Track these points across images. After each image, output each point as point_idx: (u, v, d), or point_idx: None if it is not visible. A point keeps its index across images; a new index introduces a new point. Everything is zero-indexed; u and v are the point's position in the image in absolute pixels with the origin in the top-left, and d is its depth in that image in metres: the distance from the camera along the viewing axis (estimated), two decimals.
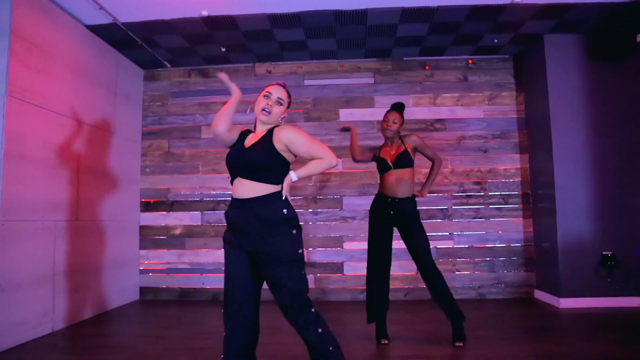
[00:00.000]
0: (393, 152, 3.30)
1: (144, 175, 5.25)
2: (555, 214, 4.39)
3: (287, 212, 1.97)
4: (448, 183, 5.03)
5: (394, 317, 3.60)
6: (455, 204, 5.01)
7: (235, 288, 1.99)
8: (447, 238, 4.97)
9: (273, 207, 1.95)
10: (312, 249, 5.04)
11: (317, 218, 5.07)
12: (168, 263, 5.13)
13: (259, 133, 2.10)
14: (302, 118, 5.18)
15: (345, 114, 5.16)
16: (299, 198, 5.06)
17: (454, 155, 5.05)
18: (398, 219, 3.23)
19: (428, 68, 5.18)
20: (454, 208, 5.01)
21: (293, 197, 4.93)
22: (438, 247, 4.91)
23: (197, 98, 5.31)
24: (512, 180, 5.02)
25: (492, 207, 5.00)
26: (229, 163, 2.06)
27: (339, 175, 5.10)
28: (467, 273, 4.93)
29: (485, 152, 5.06)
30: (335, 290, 4.97)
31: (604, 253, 4.30)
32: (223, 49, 4.82)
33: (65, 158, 3.84)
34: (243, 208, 1.97)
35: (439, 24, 4.31)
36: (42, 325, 3.46)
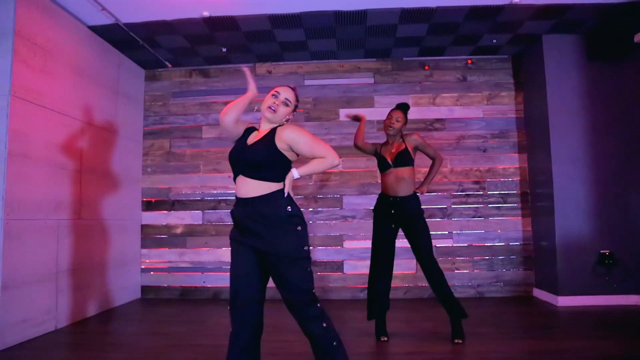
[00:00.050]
0: (393, 150, 3.33)
1: (146, 175, 5.28)
2: (554, 213, 4.42)
3: (291, 209, 1.99)
4: (447, 182, 5.06)
5: (394, 314, 3.62)
6: (455, 203, 5.05)
7: (241, 286, 2.00)
8: (446, 237, 5.00)
9: (276, 205, 1.98)
10: (312, 248, 5.06)
11: (317, 217, 5.11)
12: (169, 262, 5.17)
13: (263, 131, 2.12)
14: (302, 118, 5.20)
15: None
16: (300, 197, 5.09)
17: (453, 155, 5.08)
18: (401, 218, 3.25)
19: (427, 68, 5.21)
20: (453, 207, 5.05)
21: (293, 196, 4.95)
22: (437, 245, 4.93)
23: (197, 98, 5.35)
24: (511, 180, 5.06)
25: (491, 206, 5.03)
26: (232, 160, 2.09)
27: (339, 175, 5.14)
28: (466, 272, 4.96)
29: (485, 151, 5.09)
30: (335, 289, 5.00)
31: (602, 251, 4.34)
32: (224, 50, 4.85)
33: (68, 157, 3.88)
34: (247, 207, 2.00)
35: (438, 25, 4.34)
36: (45, 323, 3.50)
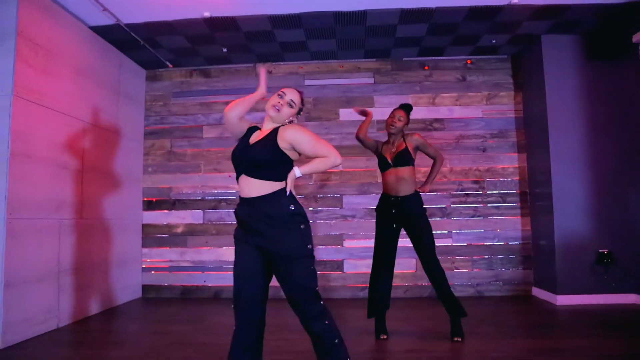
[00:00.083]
0: (394, 149, 3.34)
1: (147, 174, 5.31)
2: (553, 212, 4.44)
3: (294, 208, 2.01)
4: (447, 182, 5.08)
5: (393, 313, 3.65)
6: (454, 203, 5.07)
7: (245, 286, 2.02)
8: (445, 236, 5.02)
9: (279, 204, 1.99)
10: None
11: (317, 216, 5.13)
12: (170, 261, 5.19)
13: (265, 131, 2.14)
14: (302, 118, 5.21)
15: (345, 114, 5.20)
16: (300, 197, 5.07)
17: (453, 155, 5.10)
18: (402, 218, 3.26)
19: (427, 68, 5.23)
20: (453, 206, 5.07)
21: (296, 195, 4.96)
22: (437, 245, 4.89)
23: (198, 98, 5.37)
24: (510, 179, 5.08)
25: (490, 205, 5.05)
26: (234, 160, 2.10)
27: (339, 174, 5.16)
28: (465, 271, 4.98)
29: (484, 151, 5.11)
30: (335, 288, 5.02)
31: (601, 250, 4.36)
32: (224, 50, 4.87)
33: (70, 157, 3.90)
34: (251, 207, 2.01)
35: (438, 25, 4.36)
36: (47, 321, 3.53)
